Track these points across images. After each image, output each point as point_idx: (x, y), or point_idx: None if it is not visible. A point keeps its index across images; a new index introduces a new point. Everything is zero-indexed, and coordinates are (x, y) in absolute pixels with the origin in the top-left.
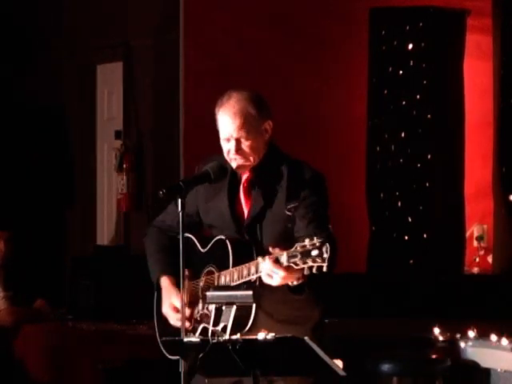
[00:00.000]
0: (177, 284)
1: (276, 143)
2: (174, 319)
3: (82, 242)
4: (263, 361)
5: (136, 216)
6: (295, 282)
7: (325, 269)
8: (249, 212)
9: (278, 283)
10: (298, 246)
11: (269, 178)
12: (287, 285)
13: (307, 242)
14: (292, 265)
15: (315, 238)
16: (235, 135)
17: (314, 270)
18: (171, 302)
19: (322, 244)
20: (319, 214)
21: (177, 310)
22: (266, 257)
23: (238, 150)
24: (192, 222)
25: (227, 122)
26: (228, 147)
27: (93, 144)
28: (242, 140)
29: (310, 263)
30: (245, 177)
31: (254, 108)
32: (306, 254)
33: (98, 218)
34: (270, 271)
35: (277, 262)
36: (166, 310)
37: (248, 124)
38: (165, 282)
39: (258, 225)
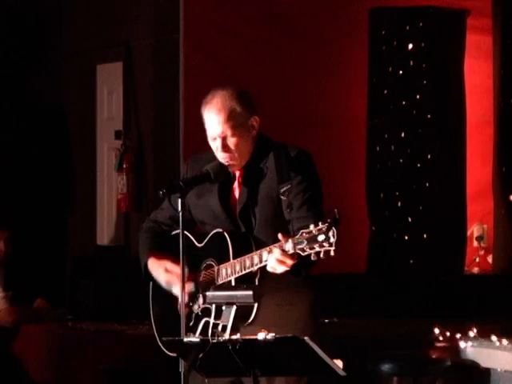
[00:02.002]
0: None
1: (264, 134)
2: (177, 282)
3: (82, 241)
4: (263, 361)
5: (136, 216)
6: None
7: (332, 253)
8: (238, 202)
9: (283, 271)
10: (303, 233)
11: (258, 169)
12: None
13: (312, 227)
14: (299, 252)
15: (320, 223)
16: (220, 132)
17: (322, 255)
18: (166, 267)
19: (329, 228)
20: (310, 195)
21: (175, 273)
22: (272, 246)
23: (224, 146)
24: (184, 220)
25: (212, 120)
26: (215, 145)
27: (93, 144)
28: (228, 137)
29: (317, 248)
30: (238, 173)
31: (239, 104)
32: (312, 239)
33: (98, 218)
34: (278, 261)
35: (284, 251)
36: (166, 277)
37: (233, 120)
38: (152, 261)
39: (248, 213)
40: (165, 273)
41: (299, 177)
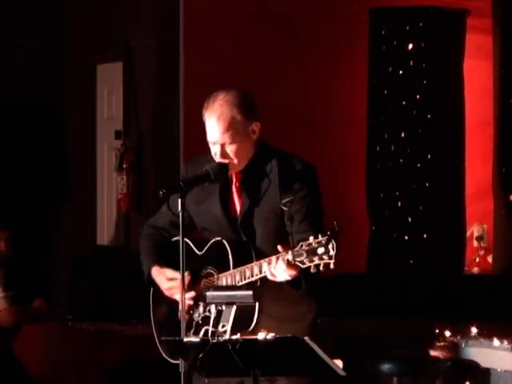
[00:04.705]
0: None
1: (266, 140)
2: (177, 291)
3: (82, 241)
4: (263, 361)
5: (136, 216)
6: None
7: (332, 266)
8: (240, 212)
9: (282, 280)
10: (303, 245)
11: (259, 175)
12: (286, 281)
13: (312, 239)
14: (298, 264)
15: (320, 236)
16: (220, 140)
17: (321, 268)
18: (167, 276)
19: (328, 241)
20: (312, 210)
21: (176, 280)
22: (272, 257)
23: (223, 153)
24: (184, 224)
25: (212, 126)
26: (214, 150)
27: (93, 144)
28: (227, 144)
29: (317, 261)
30: (235, 177)
31: (239, 111)
32: (311, 252)
33: (97, 217)
34: (282, 271)
35: (288, 261)
36: (166, 285)
37: (232, 128)
38: (155, 269)
39: (250, 223)
40: (167, 281)
41: (302, 190)
